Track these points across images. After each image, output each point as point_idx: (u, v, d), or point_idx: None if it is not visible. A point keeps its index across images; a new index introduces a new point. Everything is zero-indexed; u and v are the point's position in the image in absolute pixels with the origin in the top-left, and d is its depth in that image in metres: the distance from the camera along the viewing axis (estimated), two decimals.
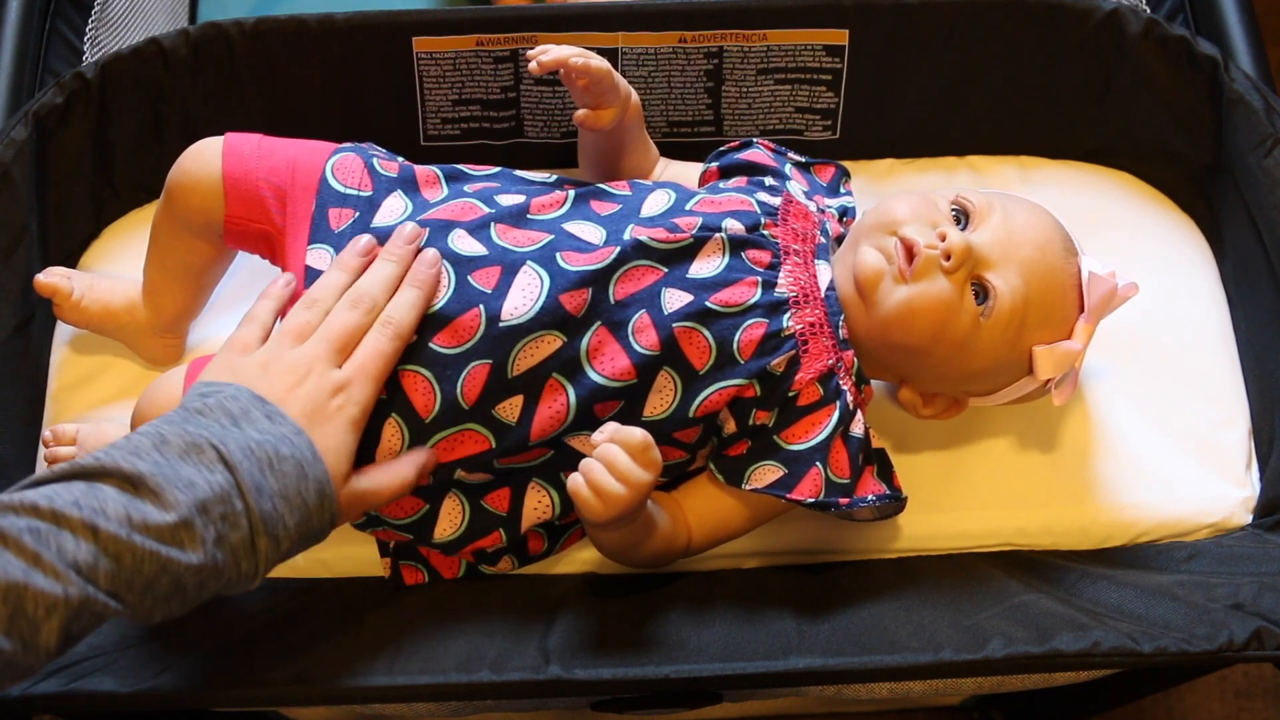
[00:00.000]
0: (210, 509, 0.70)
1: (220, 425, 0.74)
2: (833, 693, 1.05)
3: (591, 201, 0.93)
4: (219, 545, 0.70)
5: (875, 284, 0.87)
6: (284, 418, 0.76)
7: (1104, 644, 0.83)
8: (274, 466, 0.73)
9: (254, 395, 0.77)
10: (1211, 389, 1.04)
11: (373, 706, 1.02)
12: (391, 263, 0.86)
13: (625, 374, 0.85)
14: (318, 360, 0.81)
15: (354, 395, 0.81)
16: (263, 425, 0.75)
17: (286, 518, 0.73)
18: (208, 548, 0.69)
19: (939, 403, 0.94)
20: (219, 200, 0.92)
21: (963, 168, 1.14)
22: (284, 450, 0.74)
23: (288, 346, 0.82)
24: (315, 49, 1.04)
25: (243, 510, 0.71)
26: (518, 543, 0.93)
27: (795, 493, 0.87)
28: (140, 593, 0.67)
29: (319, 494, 0.76)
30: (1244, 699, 1.51)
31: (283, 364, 0.80)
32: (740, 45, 1.07)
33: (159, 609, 0.69)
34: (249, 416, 0.75)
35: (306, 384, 0.79)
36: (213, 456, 0.71)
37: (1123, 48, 1.06)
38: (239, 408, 0.75)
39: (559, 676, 0.83)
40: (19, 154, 0.98)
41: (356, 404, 0.81)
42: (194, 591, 0.70)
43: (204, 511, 0.69)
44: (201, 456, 0.71)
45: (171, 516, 0.68)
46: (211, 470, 0.71)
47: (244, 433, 0.74)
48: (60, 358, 1.04)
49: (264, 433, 0.74)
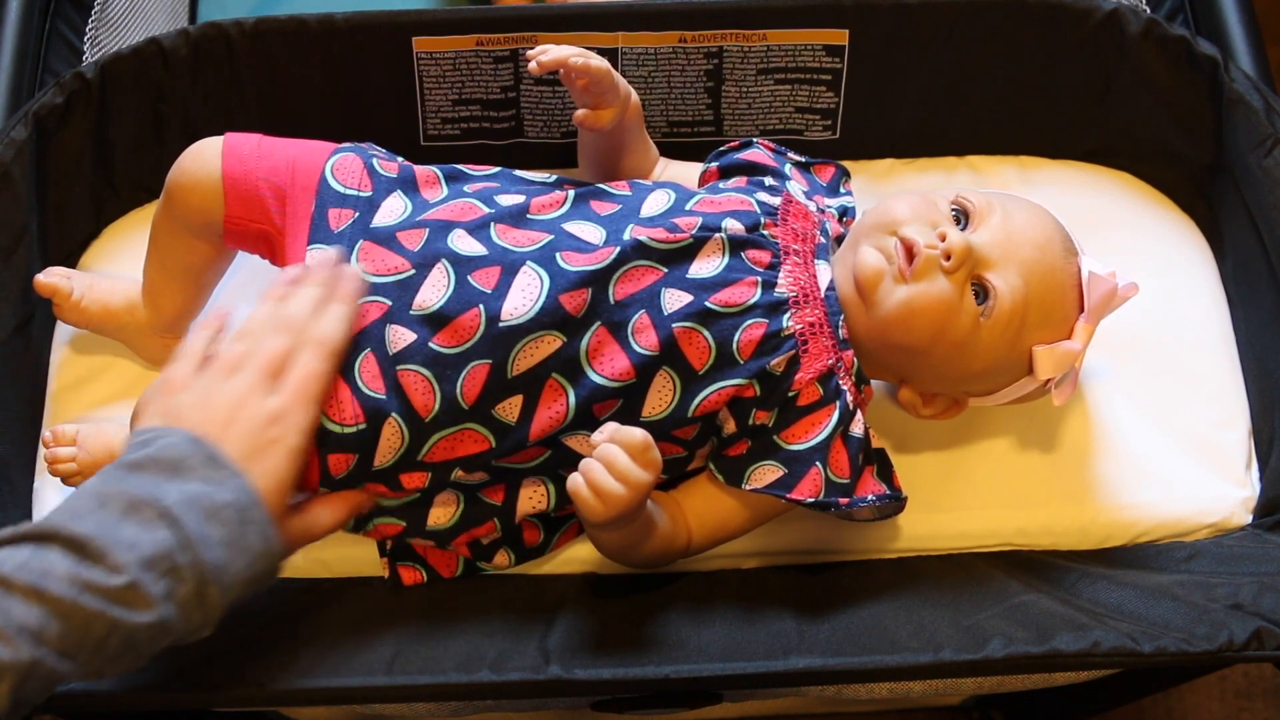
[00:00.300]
0: (155, 566, 0.69)
1: (158, 479, 0.73)
2: (833, 693, 1.05)
3: (591, 201, 0.93)
4: (168, 601, 0.70)
5: (875, 284, 0.87)
6: (222, 461, 0.75)
7: (1104, 644, 0.83)
8: (216, 515, 0.73)
9: (190, 438, 0.76)
10: (1211, 389, 1.04)
11: (373, 706, 1.02)
12: (315, 286, 0.86)
13: (625, 374, 0.85)
14: (252, 392, 0.80)
15: (291, 422, 0.80)
16: (202, 473, 0.74)
17: (232, 564, 0.73)
18: (157, 606, 0.69)
19: (939, 403, 0.94)
20: (219, 200, 0.92)
21: (963, 168, 1.14)
22: (223, 497, 0.74)
23: (222, 380, 0.81)
24: (315, 49, 1.04)
25: (189, 563, 0.70)
26: (513, 533, 0.93)
27: (795, 493, 0.87)
28: (91, 652, 0.68)
29: (262, 537, 0.75)
30: (1244, 699, 1.51)
31: (218, 399, 0.79)
32: (740, 45, 1.07)
33: (110, 668, 0.70)
34: (187, 464, 0.74)
35: (242, 418, 0.78)
36: (153, 514, 0.71)
37: (1123, 48, 1.06)
38: (176, 455, 0.74)
39: (559, 676, 0.83)
40: (19, 154, 0.98)
41: (295, 431, 0.80)
42: (146, 648, 0.70)
43: (150, 569, 0.69)
44: (142, 514, 0.70)
45: (118, 579, 0.68)
46: (153, 528, 0.70)
47: (184, 484, 0.73)
48: (60, 358, 1.04)
49: (204, 480, 0.74)
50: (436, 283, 0.87)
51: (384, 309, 0.87)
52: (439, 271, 0.87)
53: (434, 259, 0.88)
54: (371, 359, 0.86)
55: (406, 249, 0.89)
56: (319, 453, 0.84)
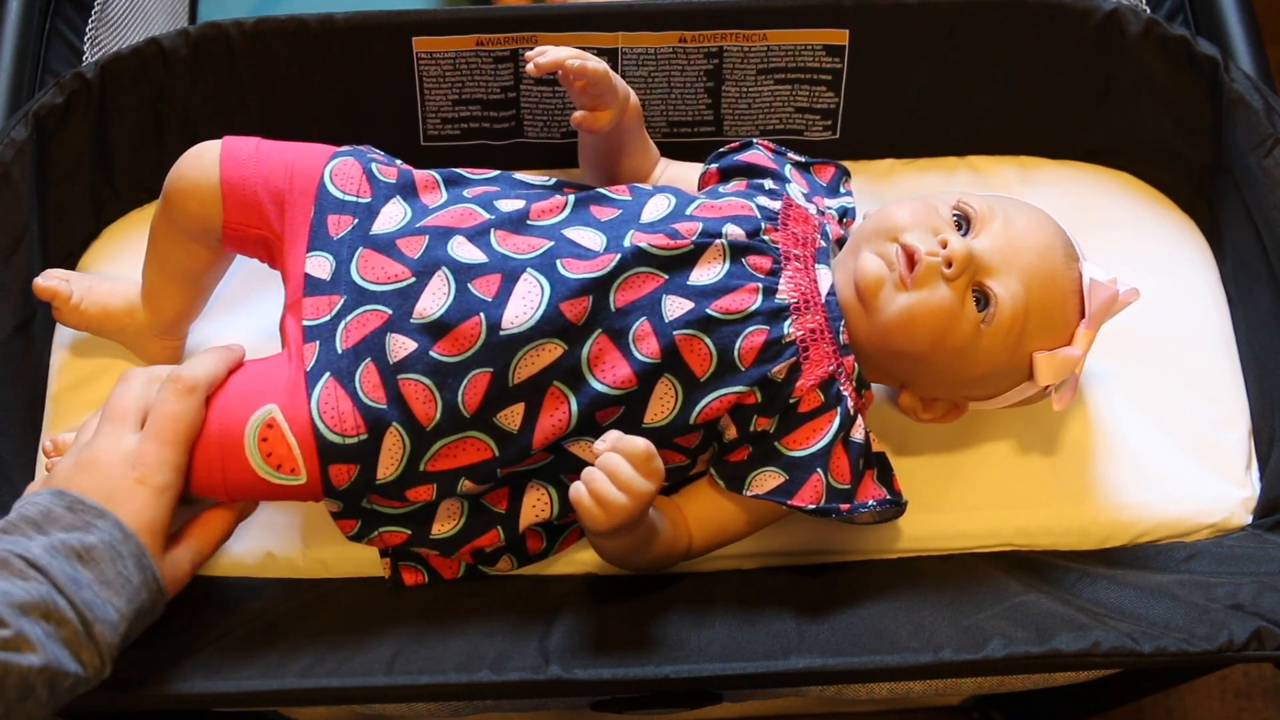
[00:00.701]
0: (31, 611, 0.70)
1: (24, 536, 0.74)
2: (833, 693, 1.05)
3: (591, 207, 0.93)
4: (52, 641, 0.71)
5: (876, 291, 0.87)
6: (85, 505, 0.77)
7: (1104, 644, 0.83)
8: (85, 556, 0.74)
9: (53, 492, 0.78)
10: (1211, 389, 1.04)
11: (373, 706, 1.02)
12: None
13: (626, 382, 0.85)
14: (103, 437, 0.81)
15: (150, 461, 0.80)
16: (66, 521, 0.76)
17: (113, 600, 0.74)
18: (44, 647, 0.70)
19: (939, 407, 0.94)
20: (217, 206, 0.92)
21: (963, 168, 1.14)
22: (90, 538, 0.75)
23: (88, 438, 0.83)
24: (315, 49, 1.04)
25: (66, 605, 0.72)
26: (516, 542, 0.93)
27: (796, 499, 0.87)
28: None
29: (139, 568, 0.77)
30: (1244, 699, 1.51)
31: (82, 454, 0.81)
32: (740, 45, 1.07)
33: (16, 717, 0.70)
34: (50, 516, 0.76)
35: (100, 461, 0.80)
36: (20, 566, 0.72)
37: (1123, 48, 1.06)
38: (39, 511, 0.76)
39: (559, 676, 0.83)
40: (19, 154, 0.98)
41: (157, 470, 0.80)
42: (44, 692, 0.70)
43: (25, 614, 0.70)
44: (10, 568, 0.72)
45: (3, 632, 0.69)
46: (24, 578, 0.71)
47: (48, 536, 0.74)
48: (60, 360, 1.04)
49: (69, 527, 0.75)
50: (437, 291, 0.86)
51: (384, 318, 0.87)
52: (439, 279, 0.87)
53: (434, 266, 0.87)
54: (372, 368, 0.86)
55: (406, 256, 0.88)
56: (320, 464, 0.84)
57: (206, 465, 0.85)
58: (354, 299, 0.88)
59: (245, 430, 0.84)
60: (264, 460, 0.84)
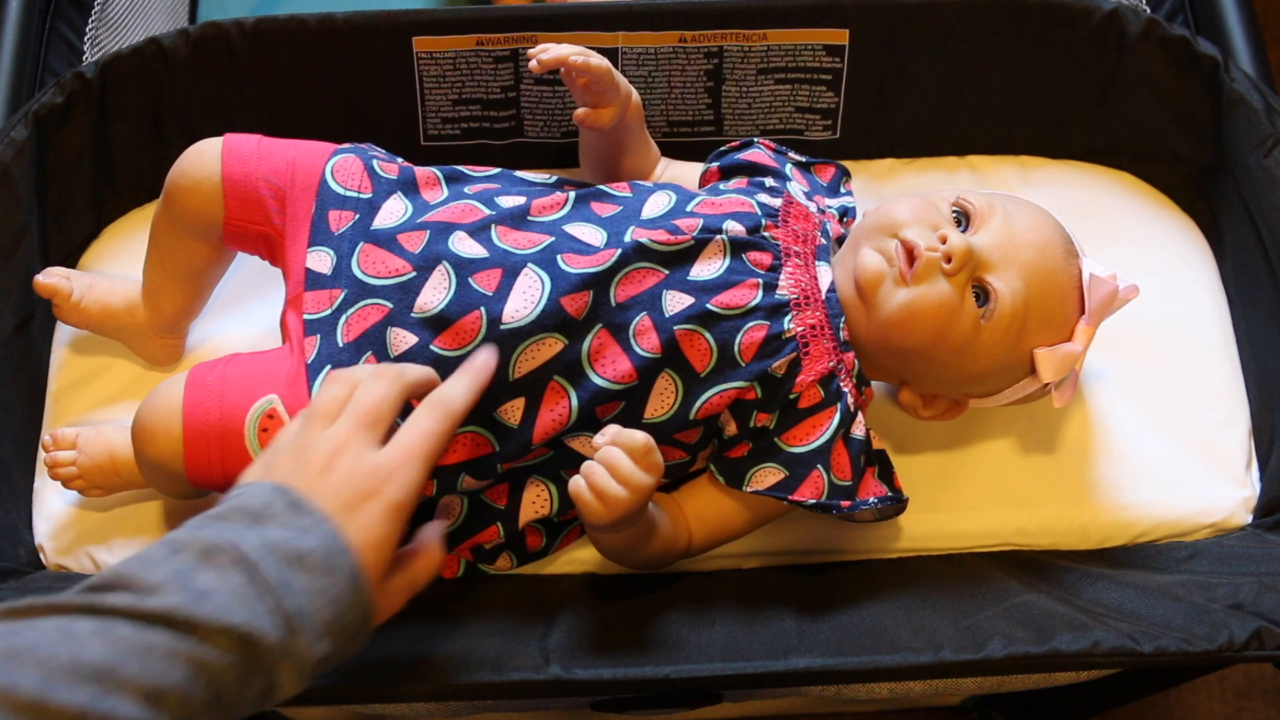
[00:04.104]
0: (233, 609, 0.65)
1: (239, 526, 0.68)
2: (833, 693, 1.05)
3: (592, 203, 0.93)
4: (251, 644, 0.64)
5: (876, 286, 0.87)
6: (307, 508, 0.70)
7: (1104, 644, 0.83)
8: (298, 562, 0.68)
9: (274, 487, 0.71)
10: (1211, 389, 1.04)
11: (373, 706, 1.02)
12: None
13: (626, 377, 0.85)
14: (350, 442, 0.74)
15: (398, 479, 0.73)
16: (285, 520, 0.69)
17: (320, 612, 0.67)
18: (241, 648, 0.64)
19: (939, 404, 0.94)
20: (218, 202, 0.92)
21: (963, 168, 1.14)
22: (308, 544, 0.68)
23: (318, 429, 0.75)
24: (315, 49, 1.04)
25: (271, 609, 0.65)
26: (515, 538, 0.93)
27: (797, 495, 0.87)
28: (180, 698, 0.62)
29: (351, 586, 0.69)
30: (1244, 699, 1.51)
31: (313, 450, 0.74)
32: (740, 45, 1.07)
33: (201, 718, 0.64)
34: (269, 512, 0.69)
35: (338, 470, 0.73)
36: (228, 559, 0.66)
37: (1123, 48, 1.06)
38: (259, 504, 0.70)
39: (559, 676, 0.83)
40: (19, 154, 0.98)
41: (401, 487, 0.73)
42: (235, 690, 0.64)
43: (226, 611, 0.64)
44: (217, 560, 0.66)
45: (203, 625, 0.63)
46: (230, 573, 0.66)
47: (263, 531, 0.68)
48: (60, 358, 1.04)
49: (287, 527, 0.69)
50: (438, 285, 0.87)
51: (385, 312, 0.87)
52: (440, 274, 0.87)
53: (435, 261, 0.88)
54: (373, 362, 0.86)
55: (407, 251, 0.89)
56: None
57: (205, 456, 0.85)
58: (355, 293, 0.88)
59: (246, 420, 0.85)
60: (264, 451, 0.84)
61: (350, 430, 0.75)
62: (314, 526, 0.70)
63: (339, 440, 0.74)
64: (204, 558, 0.66)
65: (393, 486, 0.73)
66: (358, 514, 0.72)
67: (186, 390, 0.87)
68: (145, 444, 0.87)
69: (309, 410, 0.77)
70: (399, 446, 0.75)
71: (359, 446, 0.74)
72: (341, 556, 0.69)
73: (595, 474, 0.78)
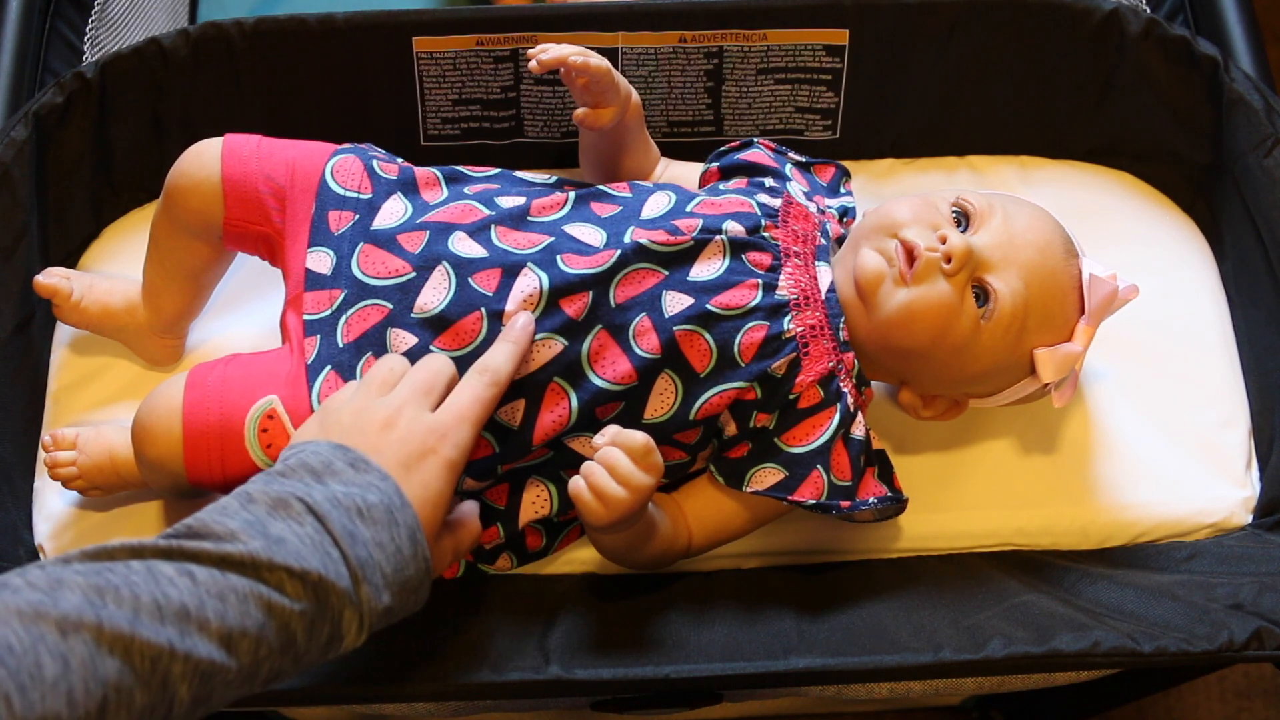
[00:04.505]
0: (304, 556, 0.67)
1: (304, 482, 0.71)
2: (833, 693, 1.05)
3: (592, 203, 0.93)
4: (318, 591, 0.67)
5: (875, 286, 0.87)
6: (369, 464, 0.74)
7: (1104, 644, 0.83)
8: (363, 515, 0.71)
9: (335, 446, 0.74)
10: (1211, 389, 1.04)
11: (373, 706, 1.02)
12: None
13: (626, 377, 0.85)
14: (407, 404, 0.78)
15: (452, 438, 0.78)
16: (347, 476, 0.72)
17: (383, 565, 0.71)
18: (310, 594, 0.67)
19: (939, 404, 0.94)
20: (218, 202, 0.92)
21: (963, 168, 1.14)
22: (371, 498, 0.72)
23: (374, 395, 0.79)
24: (315, 49, 1.04)
25: (339, 558, 0.69)
26: (515, 539, 0.93)
27: (796, 495, 0.87)
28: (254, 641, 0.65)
29: (411, 540, 0.73)
30: (1244, 699, 1.51)
31: (372, 412, 0.78)
32: (740, 45, 1.07)
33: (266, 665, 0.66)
34: (331, 469, 0.73)
35: (398, 428, 0.77)
36: (300, 509, 0.69)
37: (1123, 48, 1.06)
38: (320, 462, 0.73)
39: (559, 676, 0.83)
40: (19, 154, 0.98)
41: (455, 446, 0.77)
42: (304, 641, 0.67)
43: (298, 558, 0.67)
44: (290, 509, 0.69)
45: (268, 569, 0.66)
46: (301, 522, 0.69)
47: (328, 487, 0.71)
48: (60, 358, 1.04)
49: (348, 483, 0.72)
50: (438, 286, 0.87)
51: (385, 312, 0.87)
52: (440, 274, 0.87)
53: (435, 261, 0.88)
54: (373, 362, 0.86)
55: (407, 251, 0.89)
56: None
57: (205, 456, 0.85)
58: (355, 293, 0.89)
59: (246, 420, 0.85)
60: (264, 451, 0.85)
61: (408, 395, 0.79)
62: (376, 482, 0.73)
63: (398, 403, 0.78)
64: (276, 508, 0.69)
65: (448, 445, 0.77)
66: (417, 470, 0.75)
67: (186, 390, 0.87)
68: (145, 444, 0.87)
69: (366, 379, 0.81)
70: (452, 408, 0.79)
71: (415, 409, 0.78)
72: (402, 512, 0.73)
73: (595, 474, 0.78)
